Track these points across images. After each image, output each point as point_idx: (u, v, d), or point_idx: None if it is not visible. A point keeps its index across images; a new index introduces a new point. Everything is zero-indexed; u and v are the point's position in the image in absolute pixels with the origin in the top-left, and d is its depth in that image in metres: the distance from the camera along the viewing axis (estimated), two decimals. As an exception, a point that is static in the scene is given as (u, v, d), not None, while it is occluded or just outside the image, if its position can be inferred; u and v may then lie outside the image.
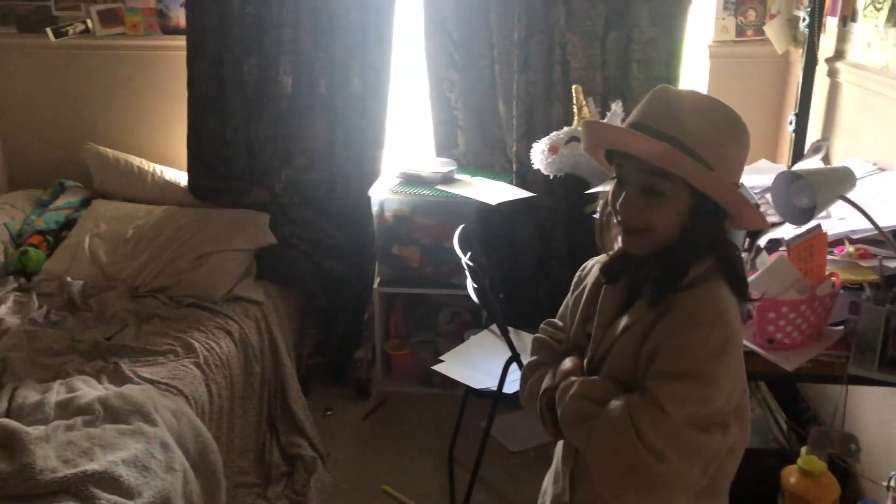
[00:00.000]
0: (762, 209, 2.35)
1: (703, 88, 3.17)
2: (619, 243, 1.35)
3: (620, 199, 1.29)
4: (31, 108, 3.54)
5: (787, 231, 2.11)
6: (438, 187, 3.05)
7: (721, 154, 1.25)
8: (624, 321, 1.32)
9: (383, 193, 3.09)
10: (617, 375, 1.31)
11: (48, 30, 3.38)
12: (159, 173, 3.41)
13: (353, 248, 3.36)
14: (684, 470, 1.21)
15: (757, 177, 2.66)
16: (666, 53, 3.01)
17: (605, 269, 1.39)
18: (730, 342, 1.23)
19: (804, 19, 2.74)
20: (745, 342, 1.86)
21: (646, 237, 1.29)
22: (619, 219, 1.31)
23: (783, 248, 2.02)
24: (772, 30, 3.03)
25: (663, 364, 1.23)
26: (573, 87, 2.92)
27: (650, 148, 1.23)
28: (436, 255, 3.14)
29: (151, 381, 2.40)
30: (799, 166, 2.61)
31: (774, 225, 2.16)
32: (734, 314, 1.27)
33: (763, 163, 2.95)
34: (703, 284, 1.28)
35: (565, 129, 2.91)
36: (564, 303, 1.53)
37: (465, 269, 2.52)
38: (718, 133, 1.26)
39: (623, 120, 2.88)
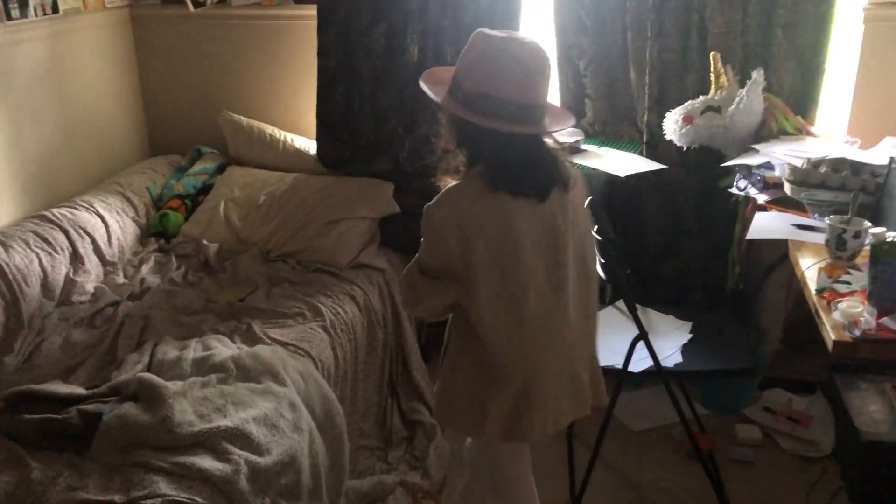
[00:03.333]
0: None
1: (855, 55, 2.94)
2: None
3: None
4: (171, 77, 3.69)
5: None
6: (565, 158, 2.97)
7: (459, 67, 1.76)
8: None
9: (508, 163, 3.04)
10: None
11: (187, 0, 3.50)
12: (290, 141, 3.49)
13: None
14: (403, 289, 1.93)
15: None
16: (814, 17, 2.80)
17: None
18: (430, 212, 1.74)
19: (977, -23, 2.49)
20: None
21: None
22: None
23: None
24: (937, -10, 2.78)
25: None
26: (711, 54, 2.78)
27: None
28: (560, 227, 3.07)
29: (281, 343, 2.48)
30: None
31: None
32: (452, 197, 1.73)
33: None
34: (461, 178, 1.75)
35: (701, 98, 2.79)
36: None
37: (591, 243, 2.45)
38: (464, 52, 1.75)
39: (764, 89, 2.73)
